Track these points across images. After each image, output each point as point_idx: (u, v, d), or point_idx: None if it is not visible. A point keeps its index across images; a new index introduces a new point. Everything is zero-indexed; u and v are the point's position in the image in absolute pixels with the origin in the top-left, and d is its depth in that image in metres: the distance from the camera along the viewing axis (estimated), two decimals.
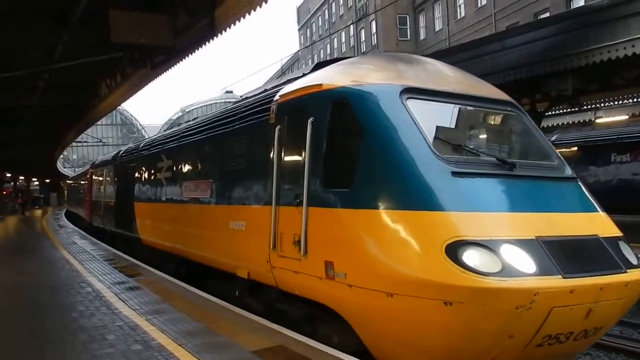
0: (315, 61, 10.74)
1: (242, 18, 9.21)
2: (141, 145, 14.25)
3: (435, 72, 6.37)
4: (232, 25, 9.44)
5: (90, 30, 10.43)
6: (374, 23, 44.75)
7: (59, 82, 15.09)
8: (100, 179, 19.64)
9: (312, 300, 5.93)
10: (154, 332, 6.01)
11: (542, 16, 26.99)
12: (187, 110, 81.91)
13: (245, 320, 6.48)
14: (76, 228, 24.51)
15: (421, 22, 43.00)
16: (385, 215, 5.00)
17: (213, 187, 8.64)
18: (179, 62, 11.87)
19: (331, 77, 6.19)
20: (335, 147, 5.78)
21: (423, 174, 4.93)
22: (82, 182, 30.57)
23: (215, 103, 71.56)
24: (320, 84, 6.07)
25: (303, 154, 6.03)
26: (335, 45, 53.14)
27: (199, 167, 9.53)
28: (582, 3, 25.89)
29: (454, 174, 4.99)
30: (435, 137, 5.41)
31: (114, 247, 15.44)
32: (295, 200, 6.06)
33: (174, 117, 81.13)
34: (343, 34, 50.58)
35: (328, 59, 9.58)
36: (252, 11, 8.99)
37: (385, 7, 37.42)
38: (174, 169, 10.80)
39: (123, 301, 7.76)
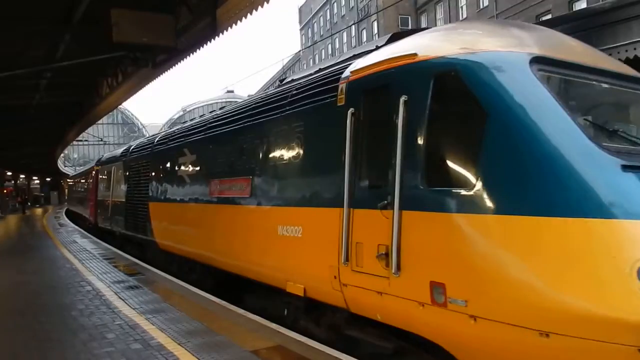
0: (317, 61, 10.62)
1: (243, 18, 9.23)
2: (157, 139, 12.73)
3: (557, 40, 5.16)
4: (234, 24, 9.45)
5: (93, 29, 10.44)
6: (375, 24, 44.77)
7: (61, 81, 15.12)
8: (108, 177, 17.98)
9: (404, 330, 4.76)
10: (153, 331, 6.02)
11: (544, 18, 27.00)
12: (187, 110, 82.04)
13: (244, 320, 6.49)
14: (76, 227, 24.53)
15: (423, 23, 42.96)
16: (537, 224, 3.71)
17: (254, 185, 7.30)
18: (180, 62, 11.86)
19: (428, 45, 4.91)
20: (442, 133, 4.54)
21: (587, 168, 3.72)
22: (85, 181, 29.16)
23: (216, 102, 71.58)
24: (415, 54, 4.81)
25: (392, 142, 4.76)
26: (337, 46, 53.15)
27: (234, 161, 8.00)
28: (584, 5, 25.90)
29: (625, 167, 3.76)
30: (584, 121, 4.23)
31: (124, 250, 14.58)
32: (380, 202, 4.81)
33: (175, 117, 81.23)
34: (344, 34, 50.59)
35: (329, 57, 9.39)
36: (254, 11, 9.01)
37: (387, 8, 37.42)
38: (200, 164, 9.50)
39: (123, 300, 7.77)
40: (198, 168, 9.59)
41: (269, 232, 6.64)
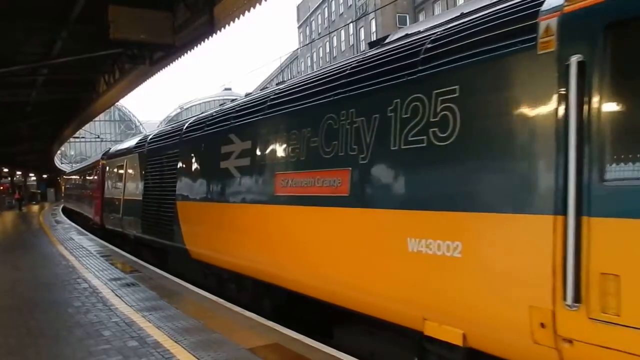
0: (315, 59, 10.56)
1: (241, 15, 9.22)
2: (187, 125, 10.35)
3: None
4: (232, 22, 9.44)
5: (90, 26, 10.42)
6: (373, 22, 44.77)
7: (58, 77, 15.11)
8: (118, 172, 15.45)
9: None
10: (150, 328, 6.02)
11: None
12: (185, 108, 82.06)
13: (241, 318, 6.48)
14: (73, 224, 24.48)
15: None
16: None
17: (356, 179, 5.31)
18: (178, 59, 11.85)
19: None
20: None
21: None
22: (87, 177, 25.95)
23: (214, 100, 71.53)
24: None
25: None
26: (335, 44, 53.11)
27: (318, 148, 5.90)
28: None
29: None
30: None
31: (139, 256, 12.78)
32: None
33: (172, 114, 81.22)
34: (343, 32, 50.56)
35: (327, 57, 9.32)
36: (252, 8, 9.01)
37: (385, 6, 37.41)
38: (257, 153, 7.31)
39: (119, 297, 7.76)
40: (254, 158, 7.37)
41: (387, 247, 4.83)
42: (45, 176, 67.60)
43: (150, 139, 12.65)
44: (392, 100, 4.97)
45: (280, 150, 6.75)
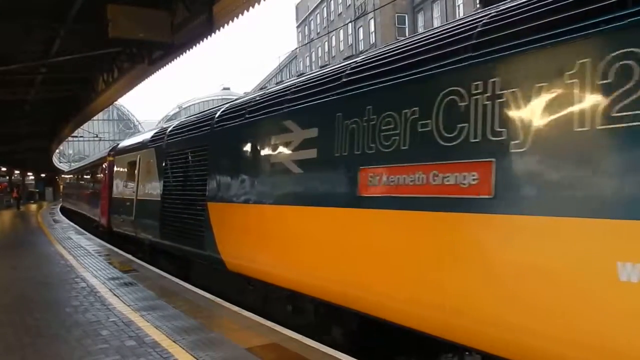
0: (314, 59, 10.40)
1: (240, 15, 9.22)
2: (219, 114, 8.64)
3: None
4: (231, 21, 9.44)
5: (89, 24, 10.40)
6: (372, 22, 44.77)
7: (57, 76, 15.08)
8: (130, 168, 13.62)
9: None
10: (148, 328, 6.01)
11: None
12: (184, 107, 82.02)
13: (239, 318, 6.48)
14: (71, 223, 24.45)
15: (420, 22, 42.98)
16: None
17: (504, 174, 3.83)
18: (176, 58, 11.83)
19: None
20: None
21: None
22: (90, 175, 24.60)
23: (213, 100, 71.51)
24: None
25: None
26: (334, 44, 53.08)
27: (433, 133, 4.41)
28: None
29: None
30: None
31: (155, 264, 11.26)
32: None
33: (171, 113, 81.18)
34: (341, 32, 50.54)
35: (326, 57, 9.23)
36: (251, 8, 9.01)
37: (384, 6, 37.40)
38: (327, 143, 5.70)
39: (117, 297, 7.75)
40: (323, 149, 5.83)
41: (581, 277, 3.30)
42: (43, 175, 67.52)
43: (171, 131, 10.88)
44: (579, 59, 3.36)
45: (366, 137, 5.16)
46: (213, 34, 9.82)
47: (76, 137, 39.30)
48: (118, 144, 17.35)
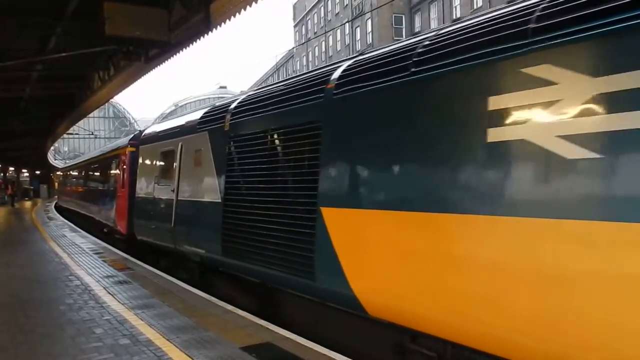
0: (311, 59, 10.14)
1: (237, 13, 9.21)
2: (340, 73, 5.82)
3: None
4: (228, 20, 9.43)
5: (85, 22, 10.37)
6: (369, 22, 44.81)
7: (52, 73, 15.02)
8: (165, 160, 10.87)
9: None
10: (142, 326, 6.01)
11: None
12: (180, 105, 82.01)
13: (234, 317, 6.48)
14: (65, 221, 24.37)
15: (417, 23, 43.05)
16: None
17: None
18: (173, 56, 11.81)
19: None
20: None
21: None
22: (98, 170, 20.71)
23: (209, 98, 71.43)
24: None
25: None
26: (331, 43, 53.10)
27: None
28: None
29: None
30: None
31: (211, 290, 8.58)
32: None
33: (167, 111, 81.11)
34: (338, 32, 50.55)
35: (323, 57, 8.88)
36: (248, 7, 9.00)
37: (381, 7, 37.44)
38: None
39: (112, 295, 7.74)
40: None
41: None
42: (38, 172, 67.28)
43: (239, 106, 8.01)
44: None
45: None
46: (210, 32, 9.81)
47: (71, 134, 39.21)
48: (142, 131, 14.29)
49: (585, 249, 3.29)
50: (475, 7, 36.30)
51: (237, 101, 8.29)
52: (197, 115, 9.74)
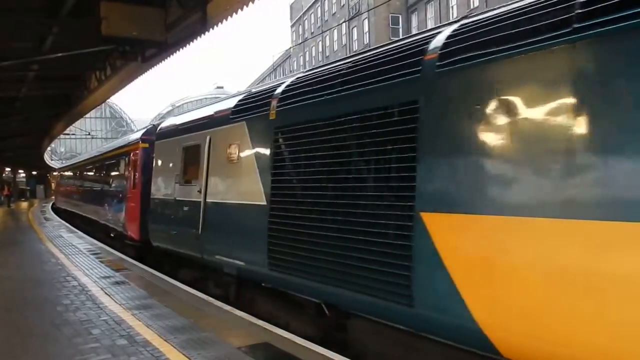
0: (308, 59, 9.94)
1: (234, 13, 9.20)
2: (446, 36, 4.61)
3: None
4: (224, 20, 9.41)
5: (82, 22, 10.35)
6: (366, 22, 44.84)
7: (49, 73, 14.98)
8: (189, 157, 9.56)
9: None
10: (139, 327, 5.99)
11: None
12: (177, 105, 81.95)
13: (231, 317, 6.47)
14: (62, 221, 24.30)
15: (413, 22, 43.08)
16: None
17: None
18: (170, 56, 11.79)
19: None
20: None
21: None
22: (102, 168, 19.02)
23: (206, 98, 71.38)
24: None
25: None
26: (327, 43, 53.13)
27: None
28: None
29: None
30: None
31: (253, 309, 7.35)
32: None
33: (164, 112, 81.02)
34: (335, 32, 50.59)
35: (320, 57, 8.70)
36: (245, 7, 8.99)
37: (378, 7, 37.47)
38: None
39: (109, 296, 7.72)
40: None
41: None
42: (34, 173, 67.12)
43: (288, 88, 6.80)
44: None
45: None
46: (207, 32, 9.80)
47: (68, 134, 39.15)
48: (159, 124, 12.80)
49: None
50: (471, 7, 36.34)
51: (286, 84, 6.97)
52: (229, 103, 8.47)
